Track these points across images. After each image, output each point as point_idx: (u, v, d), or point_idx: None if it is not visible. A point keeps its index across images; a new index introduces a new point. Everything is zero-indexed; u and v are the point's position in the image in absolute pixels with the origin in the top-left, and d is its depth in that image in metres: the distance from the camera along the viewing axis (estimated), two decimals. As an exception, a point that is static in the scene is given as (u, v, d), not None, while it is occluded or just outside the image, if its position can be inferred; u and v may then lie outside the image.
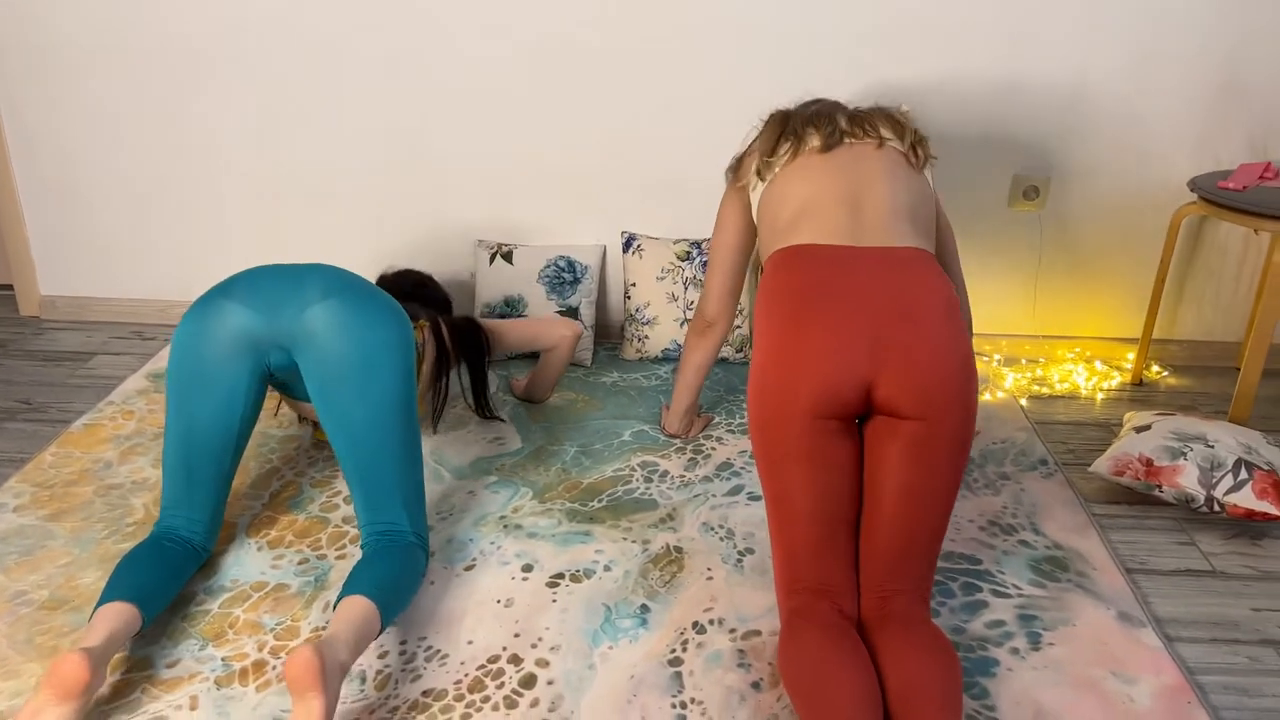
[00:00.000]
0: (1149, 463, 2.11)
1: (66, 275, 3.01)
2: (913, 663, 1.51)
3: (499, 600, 1.81)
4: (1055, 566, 1.94)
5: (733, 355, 2.79)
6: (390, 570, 1.69)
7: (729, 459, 2.29)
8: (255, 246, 2.92)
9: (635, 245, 2.76)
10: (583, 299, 2.76)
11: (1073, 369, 2.81)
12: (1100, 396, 2.69)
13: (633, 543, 1.98)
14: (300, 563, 1.91)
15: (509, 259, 2.78)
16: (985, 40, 2.57)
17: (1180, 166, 2.68)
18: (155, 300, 3.01)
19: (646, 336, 2.76)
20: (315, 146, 2.78)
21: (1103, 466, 2.18)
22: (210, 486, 1.81)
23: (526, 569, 1.90)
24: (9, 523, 2.01)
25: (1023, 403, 2.62)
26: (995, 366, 2.82)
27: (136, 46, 2.70)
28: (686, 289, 2.72)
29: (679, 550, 1.96)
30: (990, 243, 2.79)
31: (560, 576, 1.88)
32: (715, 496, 2.14)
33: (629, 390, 2.63)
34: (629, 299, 2.77)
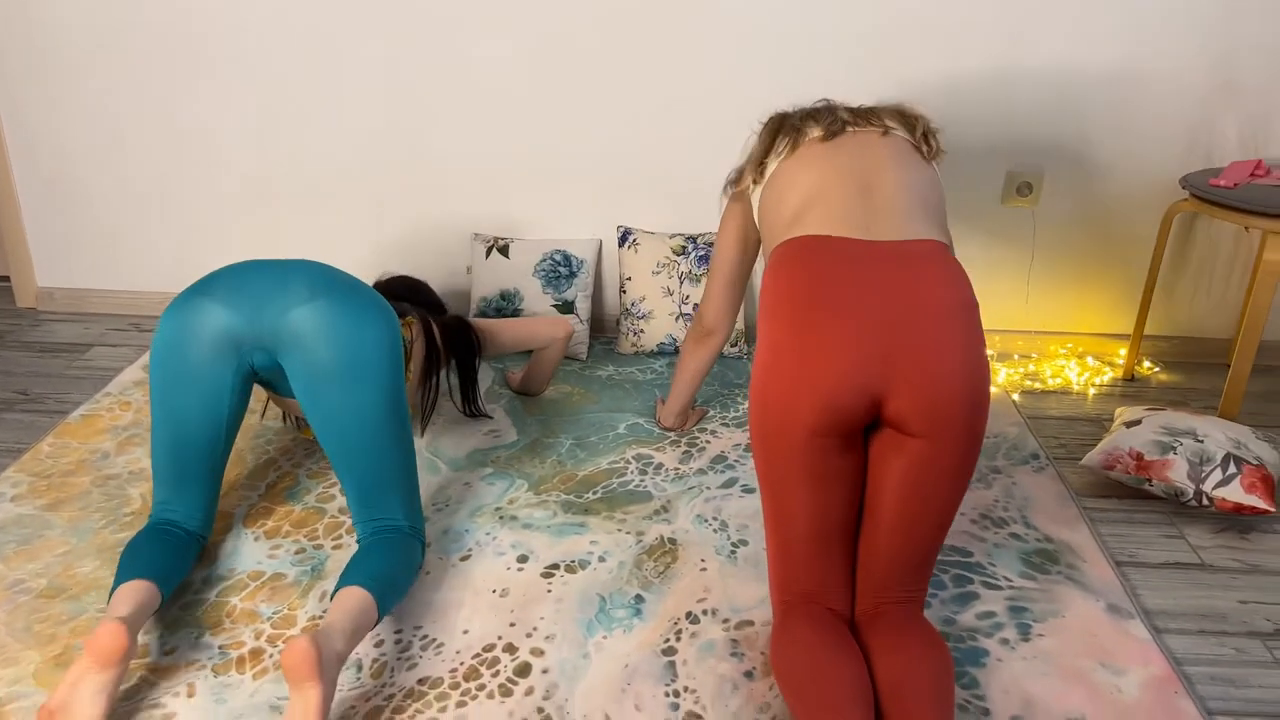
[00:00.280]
0: (1139, 457, 2.13)
1: (64, 267, 3.01)
2: (904, 656, 1.52)
3: (494, 590, 1.83)
4: (1045, 559, 1.96)
5: (728, 350, 2.80)
6: (387, 562, 1.70)
7: (723, 452, 2.31)
8: (252, 239, 2.92)
9: (631, 240, 2.77)
10: (578, 293, 2.77)
11: (1065, 364, 2.83)
12: (1092, 392, 2.71)
13: (627, 534, 2.00)
14: (297, 552, 1.92)
15: (505, 252, 2.79)
16: (982, 38, 2.59)
17: (1172, 164, 2.69)
18: (152, 292, 3.02)
19: (642, 331, 2.78)
20: (312, 139, 2.79)
21: (1094, 460, 2.20)
22: (202, 480, 1.82)
23: (522, 560, 1.91)
24: (7, 512, 2.02)
25: (1015, 397, 2.64)
26: (988, 362, 2.84)
27: (134, 39, 2.71)
28: (682, 283, 2.74)
29: (673, 542, 1.98)
30: (983, 239, 2.81)
31: (555, 567, 1.89)
32: (709, 489, 2.16)
33: (624, 384, 2.65)
34: (624, 293, 2.79)
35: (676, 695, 1.59)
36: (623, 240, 2.78)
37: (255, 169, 2.84)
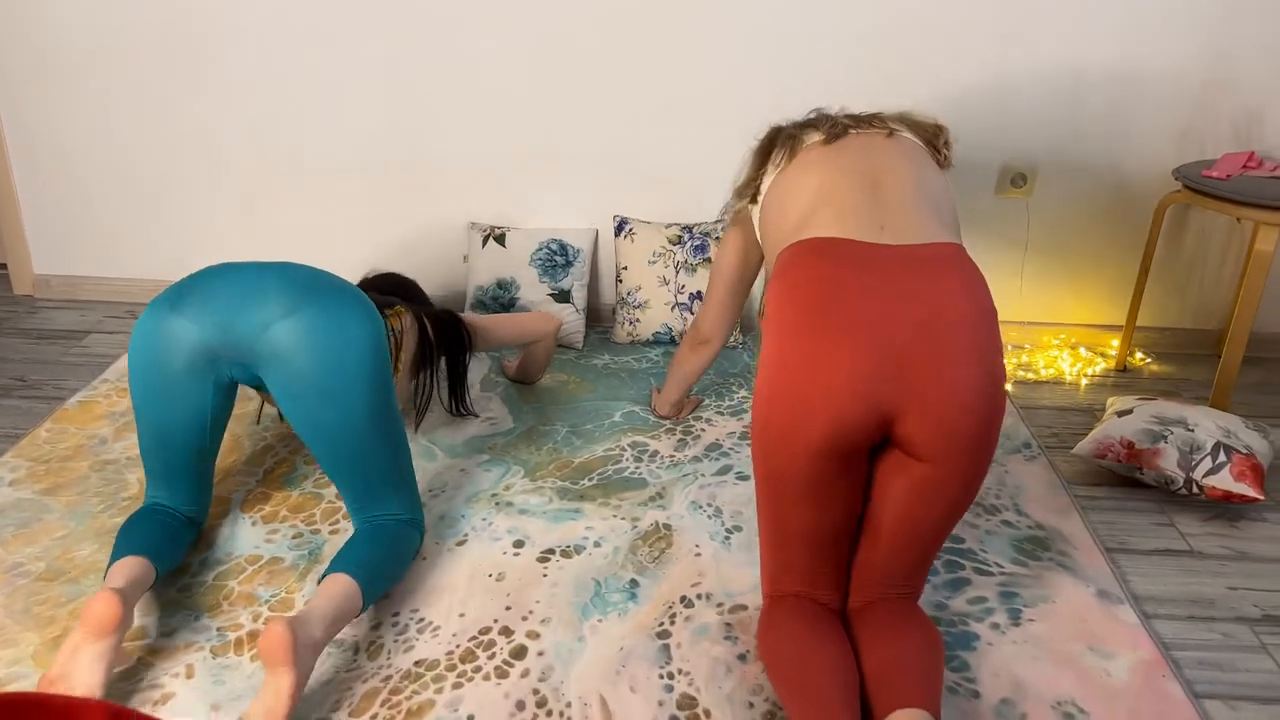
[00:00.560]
0: (1130, 445, 2.14)
1: (61, 254, 3.02)
2: (895, 636, 1.54)
3: (490, 574, 1.84)
4: (1037, 546, 1.98)
5: (723, 339, 2.81)
6: (378, 550, 1.71)
7: (718, 440, 2.32)
8: (249, 228, 2.93)
9: (627, 229, 2.78)
10: (574, 282, 2.78)
11: (1058, 355, 2.85)
12: (1084, 382, 2.72)
13: (622, 520, 2.01)
14: (294, 537, 1.93)
15: (502, 241, 2.80)
16: (980, 35, 2.60)
17: (1166, 156, 2.71)
18: (149, 280, 3.02)
19: (638, 320, 2.79)
20: (309, 130, 2.80)
21: (1085, 449, 2.21)
22: (191, 476, 1.81)
23: (518, 545, 1.93)
24: (5, 496, 2.03)
25: (1008, 388, 2.66)
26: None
27: (132, 29, 2.71)
28: (678, 273, 2.75)
29: (668, 527, 1.99)
30: (977, 229, 2.83)
31: (551, 552, 1.91)
32: (704, 476, 2.17)
33: (620, 373, 2.66)
34: (620, 282, 2.80)
35: (671, 677, 1.61)
36: (619, 230, 2.79)
37: (253, 159, 2.84)
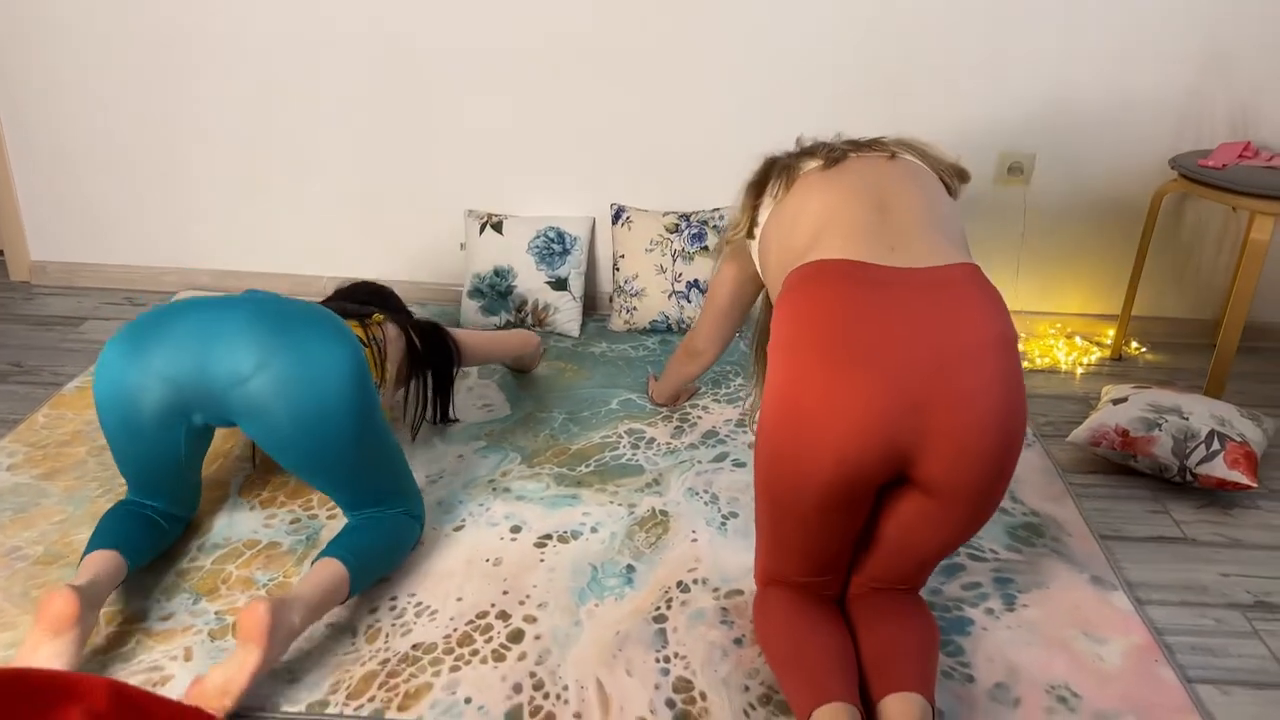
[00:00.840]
0: (1125, 433, 2.15)
1: (57, 241, 3.01)
2: (891, 621, 1.55)
3: (488, 559, 1.85)
4: (1031, 532, 1.99)
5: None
6: (372, 539, 1.72)
7: (715, 427, 2.33)
8: (245, 216, 2.93)
9: (624, 217, 2.78)
10: (571, 270, 2.79)
11: (1053, 344, 2.86)
12: (1080, 371, 2.73)
13: (619, 505, 2.02)
14: (292, 522, 1.94)
15: (499, 229, 2.80)
16: (974, 20, 2.60)
17: (1162, 145, 2.71)
18: (146, 266, 3.02)
19: (635, 308, 2.79)
20: (306, 114, 2.79)
21: (1080, 437, 2.22)
22: (174, 488, 1.78)
23: (515, 530, 1.93)
24: (3, 481, 2.03)
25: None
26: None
27: (127, 17, 2.70)
28: (675, 261, 2.75)
29: (664, 514, 2.00)
30: (974, 218, 2.82)
31: (548, 537, 1.91)
32: (701, 463, 2.18)
33: (617, 360, 2.66)
34: (618, 270, 2.80)
35: (667, 661, 1.62)
36: (616, 217, 2.80)
37: (249, 145, 2.83)
